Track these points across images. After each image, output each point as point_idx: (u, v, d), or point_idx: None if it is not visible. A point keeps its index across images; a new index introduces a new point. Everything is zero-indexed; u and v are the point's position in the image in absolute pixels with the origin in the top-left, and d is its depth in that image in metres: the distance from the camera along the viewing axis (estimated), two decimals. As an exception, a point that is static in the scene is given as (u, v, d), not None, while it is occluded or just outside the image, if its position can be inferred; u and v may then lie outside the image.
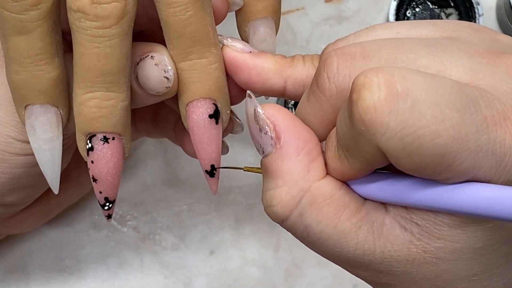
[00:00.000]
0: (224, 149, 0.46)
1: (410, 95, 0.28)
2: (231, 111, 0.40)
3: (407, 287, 0.33)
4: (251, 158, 0.58)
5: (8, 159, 0.40)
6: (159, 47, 0.37)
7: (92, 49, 0.34)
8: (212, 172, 0.39)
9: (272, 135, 0.33)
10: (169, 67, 0.37)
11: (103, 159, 0.36)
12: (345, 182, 0.33)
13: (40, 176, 0.39)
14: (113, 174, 0.37)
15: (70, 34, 0.35)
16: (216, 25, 0.38)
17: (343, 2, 0.60)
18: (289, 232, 0.34)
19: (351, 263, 0.33)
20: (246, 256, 0.57)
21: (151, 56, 0.37)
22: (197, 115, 0.38)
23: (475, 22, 0.57)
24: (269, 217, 0.34)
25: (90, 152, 0.36)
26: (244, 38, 0.41)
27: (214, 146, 0.38)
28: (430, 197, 0.30)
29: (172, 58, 0.37)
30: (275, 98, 0.56)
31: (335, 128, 0.33)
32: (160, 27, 0.37)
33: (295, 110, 0.54)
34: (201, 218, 0.58)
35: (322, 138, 0.34)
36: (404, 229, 0.32)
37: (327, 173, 0.33)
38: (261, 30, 0.40)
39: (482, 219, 0.30)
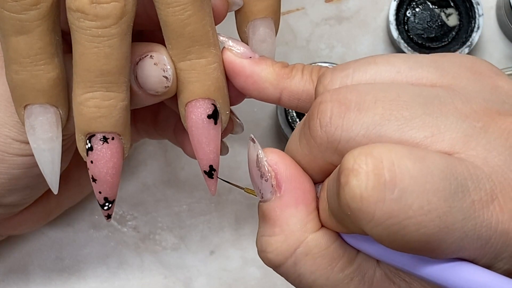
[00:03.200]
0: (224, 149, 0.46)
1: (398, 185, 0.27)
2: (231, 112, 0.40)
3: None
4: (251, 158, 0.58)
5: (7, 160, 0.40)
6: (158, 46, 0.37)
7: (92, 49, 0.35)
8: (210, 172, 0.39)
9: (273, 183, 0.33)
10: (168, 67, 0.37)
11: (102, 159, 0.36)
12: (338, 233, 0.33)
13: (39, 177, 0.39)
14: (113, 174, 0.37)
15: (70, 34, 0.35)
16: (215, 25, 0.38)
17: (343, 2, 0.60)
18: (282, 276, 0.34)
19: None
20: (246, 256, 0.57)
21: (150, 56, 0.37)
22: (195, 115, 0.38)
23: (475, 22, 0.57)
24: (263, 261, 0.34)
25: (90, 152, 0.36)
26: (244, 38, 0.41)
27: (212, 147, 0.38)
28: (420, 268, 0.30)
29: (171, 58, 0.37)
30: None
31: (327, 182, 0.33)
32: (160, 27, 0.37)
33: (294, 110, 0.54)
34: (201, 218, 0.58)
35: (315, 179, 0.34)
36: (393, 283, 0.32)
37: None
38: (260, 30, 0.40)
39: None
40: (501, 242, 0.28)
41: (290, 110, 0.54)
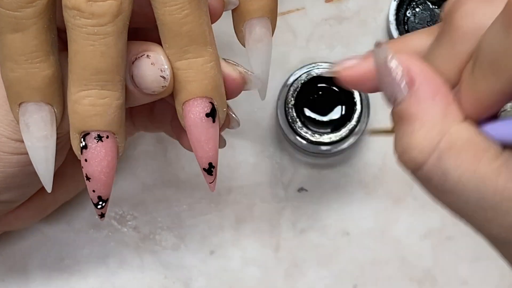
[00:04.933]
0: (222, 142, 0.45)
1: None
2: (228, 107, 0.40)
3: None
4: (252, 158, 0.58)
5: (2, 158, 0.40)
6: (155, 46, 0.37)
7: (87, 47, 0.35)
8: (210, 170, 0.39)
9: (406, 80, 0.32)
10: (166, 66, 0.37)
11: (96, 158, 0.36)
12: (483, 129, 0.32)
13: (35, 175, 0.39)
14: (107, 173, 0.37)
15: (66, 32, 0.35)
16: (211, 24, 0.38)
17: (343, 2, 0.60)
18: (422, 183, 0.32)
19: (487, 213, 0.31)
20: (246, 256, 0.57)
21: (147, 55, 0.37)
22: (194, 114, 0.38)
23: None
24: (404, 166, 0.33)
25: (84, 151, 0.36)
26: (240, 37, 0.41)
27: (211, 144, 0.38)
28: None
29: (168, 57, 0.37)
30: (275, 99, 0.56)
31: (470, 63, 0.32)
32: (156, 25, 0.37)
33: (294, 110, 0.54)
34: (201, 218, 0.58)
35: (451, 83, 0.33)
36: None
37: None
38: (257, 29, 0.40)
39: None
40: None
41: (290, 110, 0.54)
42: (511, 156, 0.31)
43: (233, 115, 0.43)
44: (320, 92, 0.55)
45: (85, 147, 0.36)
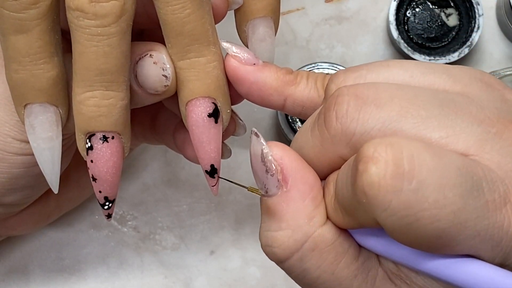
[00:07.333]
0: (226, 152, 0.45)
1: (416, 176, 0.27)
2: (234, 112, 0.40)
3: None
4: (251, 158, 0.58)
5: (7, 159, 0.40)
6: (158, 46, 0.37)
7: (91, 48, 0.34)
8: (212, 172, 0.39)
9: (279, 178, 0.33)
10: (167, 66, 0.37)
11: (102, 158, 0.36)
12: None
13: (39, 176, 0.39)
14: (113, 174, 0.37)
15: (70, 33, 0.35)
16: (215, 23, 0.38)
17: (343, 2, 0.60)
18: (285, 271, 0.34)
19: None
20: (246, 256, 0.57)
21: (150, 55, 0.37)
22: (195, 114, 0.37)
23: (475, 22, 0.57)
24: (267, 256, 0.34)
25: (90, 151, 0.36)
26: (243, 37, 0.41)
27: (213, 145, 0.38)
28: (426, 264, 0.30)
29: (170, 56, 0.37)
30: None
31: (334, 175, 0.33)
32: (160, 25, 0.37)
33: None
34: (201, 218, 0.58)
35: (322, 174, 0.34)
36: (395, 284, 0.32)
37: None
38: (260, 29, 0.40)
39: None
40: None
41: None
42: (367, 256, 0.33)
43: (239, 120, 0.43)
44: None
45: (90, 148, 0.36)
